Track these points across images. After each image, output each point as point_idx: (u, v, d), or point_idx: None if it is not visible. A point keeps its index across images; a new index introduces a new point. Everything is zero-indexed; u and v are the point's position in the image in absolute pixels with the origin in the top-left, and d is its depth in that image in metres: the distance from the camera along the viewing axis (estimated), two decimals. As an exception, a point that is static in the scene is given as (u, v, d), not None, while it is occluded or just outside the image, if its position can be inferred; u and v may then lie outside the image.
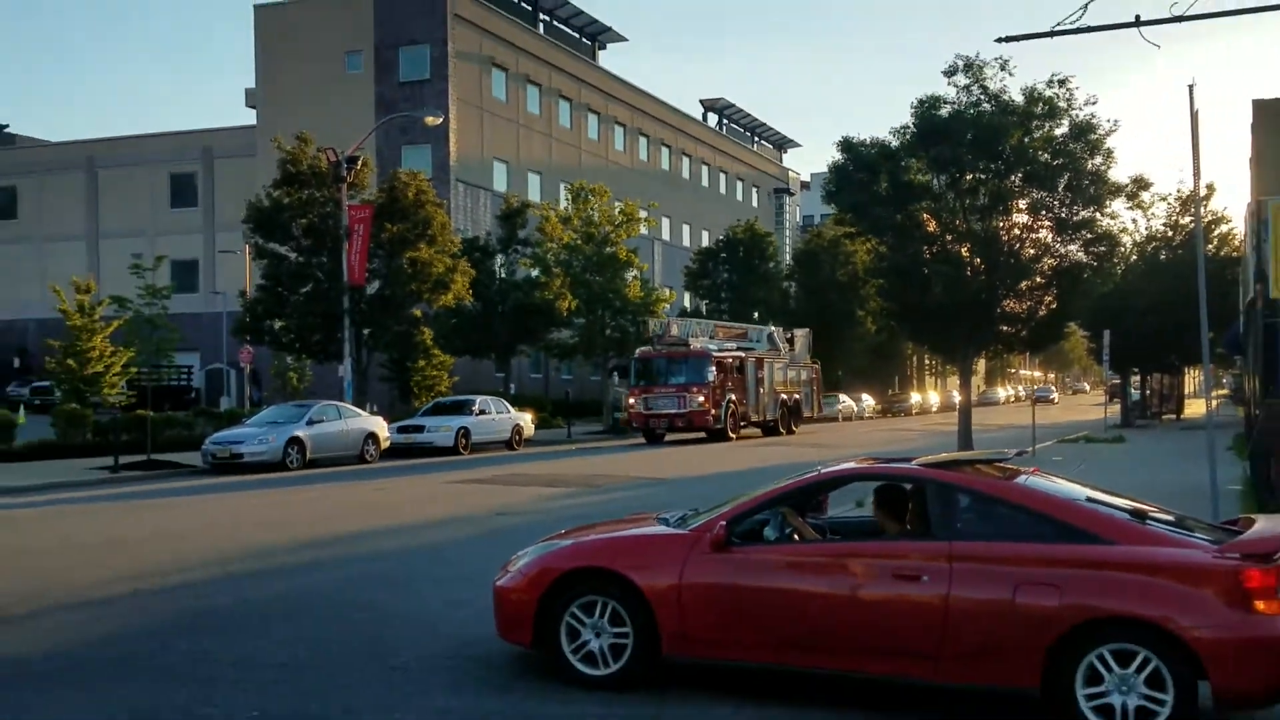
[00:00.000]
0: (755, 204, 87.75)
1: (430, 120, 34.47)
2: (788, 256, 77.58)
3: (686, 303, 64.85)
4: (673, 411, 36.08)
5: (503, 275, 44.61)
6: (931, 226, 30.15)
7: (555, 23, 66.04)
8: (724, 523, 6.73)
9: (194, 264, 61.76)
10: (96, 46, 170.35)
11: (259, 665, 7.36)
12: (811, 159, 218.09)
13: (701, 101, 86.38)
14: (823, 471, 7.24)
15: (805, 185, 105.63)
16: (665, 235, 73.96)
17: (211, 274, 61.42)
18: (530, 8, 63.39)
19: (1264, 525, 6.34)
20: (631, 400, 37.24)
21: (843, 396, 63.31)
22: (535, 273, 45.15)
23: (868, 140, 29.80)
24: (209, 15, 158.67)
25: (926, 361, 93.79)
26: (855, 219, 31.45)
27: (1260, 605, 5.71)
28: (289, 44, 55.97)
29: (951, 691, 6.26)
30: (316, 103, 52.93)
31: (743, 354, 39.16)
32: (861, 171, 29.48)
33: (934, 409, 77.03)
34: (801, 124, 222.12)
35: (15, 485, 20.92)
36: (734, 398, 37.36)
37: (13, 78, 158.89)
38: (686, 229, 77.94)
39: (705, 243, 70.40)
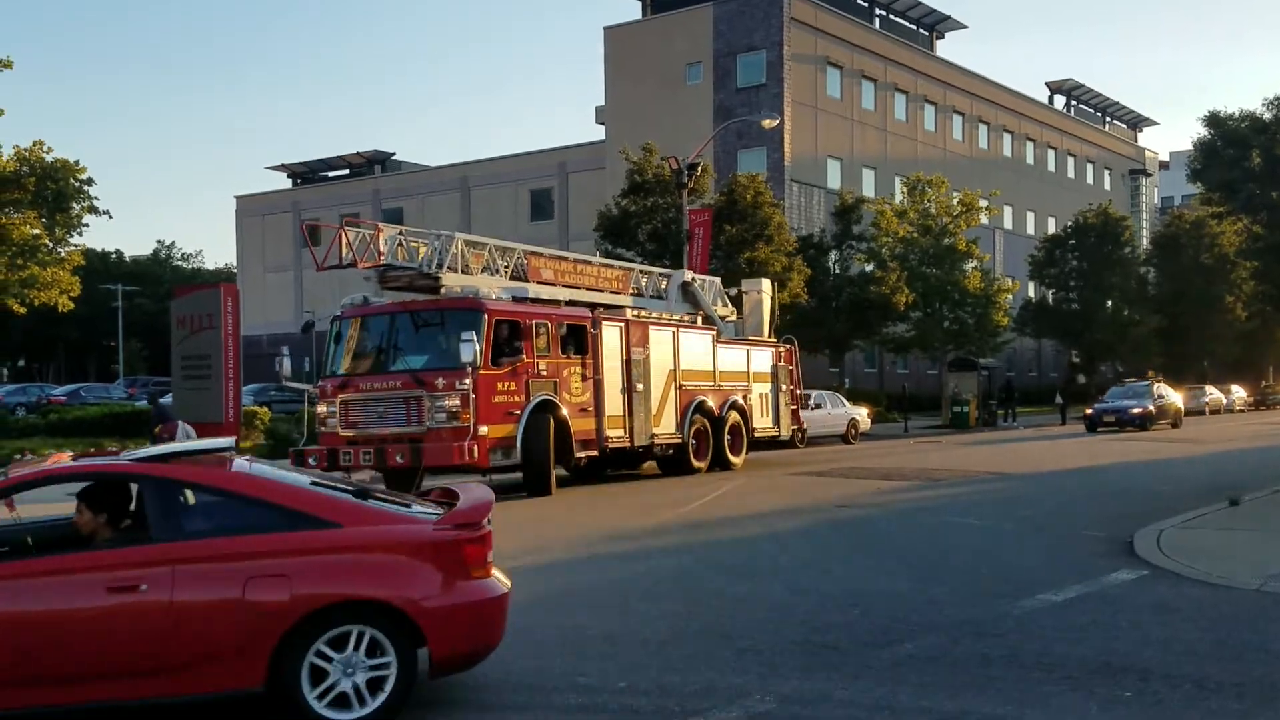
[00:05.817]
0: (1107, 186, 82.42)
1: (767, 123, 35.25)
2: (1144, 240, 72.51)
3: (1031, 292, 61.97)
4: (388, 431, 17.13)
5: (837, 271, 44.65)
6: (1314, 203, 27.52)
7: (892, 16, 64.99)
8: None
9: (551, 272, 66.32)
10: (466, 78, 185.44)
11: (623, 640, 7.80)
12: (1172, 137, 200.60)
13: (1047, 84, 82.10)
14: None
15: (1164, 165, 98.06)
16: (1007, 224, 71.02)
17: (567, 281, 65.74)
18: (866, 4, 62.79)
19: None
20: (322, 408, 18.01)
21: (1210, 388, 58.38)
22: (870, 267, 44.84)
23: (1237, 113, 27.66)
24: (564, 41, 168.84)
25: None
26: (1224, 198, 29.22)
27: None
28: (634, 61, 58.64)
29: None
30: (659, 114, 55.10)
31: (588, 313, 19.72)
32: (1231, 147, 27.46)
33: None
34: (1160, 100, 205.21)
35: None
36: (558, 400, 18.32)
37: (398, 112, 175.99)
38: (1031, 216, 74.48)
39: (1051, 230, 66.99)
